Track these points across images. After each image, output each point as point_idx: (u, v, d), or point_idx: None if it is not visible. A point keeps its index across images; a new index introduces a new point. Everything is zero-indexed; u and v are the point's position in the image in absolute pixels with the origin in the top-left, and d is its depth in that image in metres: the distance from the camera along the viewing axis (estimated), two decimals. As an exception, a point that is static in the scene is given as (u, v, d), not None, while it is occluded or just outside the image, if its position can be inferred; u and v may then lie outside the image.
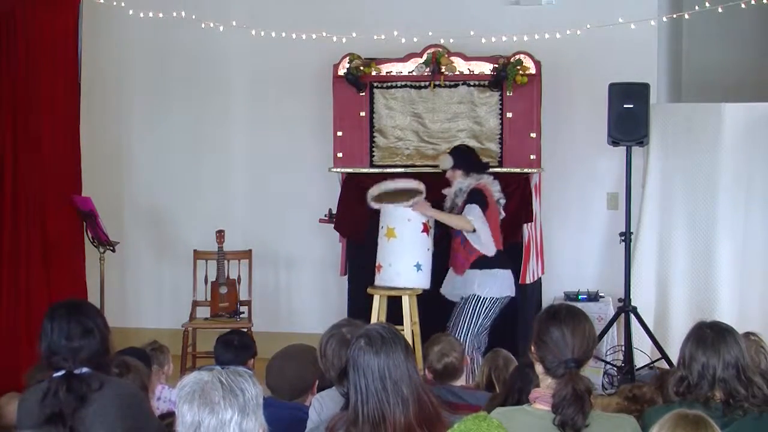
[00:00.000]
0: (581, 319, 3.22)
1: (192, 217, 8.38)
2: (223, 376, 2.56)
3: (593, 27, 7.20)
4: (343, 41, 7.51)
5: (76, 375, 3.48)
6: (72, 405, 3.43)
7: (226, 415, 2.52)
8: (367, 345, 3.05)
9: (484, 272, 6.42)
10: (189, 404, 2.52)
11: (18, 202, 7.18)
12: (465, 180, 6.59)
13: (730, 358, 3.46)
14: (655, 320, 7.30)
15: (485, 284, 6.42)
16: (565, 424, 3.08)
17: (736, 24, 8.62)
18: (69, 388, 3.45)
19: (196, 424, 2.51)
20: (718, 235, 7.22)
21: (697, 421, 2.84)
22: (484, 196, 6.49)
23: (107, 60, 8.37)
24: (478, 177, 6.61)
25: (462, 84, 7.34)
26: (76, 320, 3.56)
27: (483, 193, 6.50)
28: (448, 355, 4.51)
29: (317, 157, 7.93)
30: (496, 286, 6.45)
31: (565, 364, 3.13)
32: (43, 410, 3.44)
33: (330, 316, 7.17)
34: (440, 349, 4.50)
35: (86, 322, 3.58)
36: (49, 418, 3.42)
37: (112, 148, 8.48)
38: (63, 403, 3.43)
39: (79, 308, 3.66)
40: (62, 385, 3.46)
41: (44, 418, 3.42)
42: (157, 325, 8.17)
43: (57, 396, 3.44)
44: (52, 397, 3.44)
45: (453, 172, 6.63)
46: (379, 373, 3.01)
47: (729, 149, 7.20)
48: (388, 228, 6.45)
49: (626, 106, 6.89)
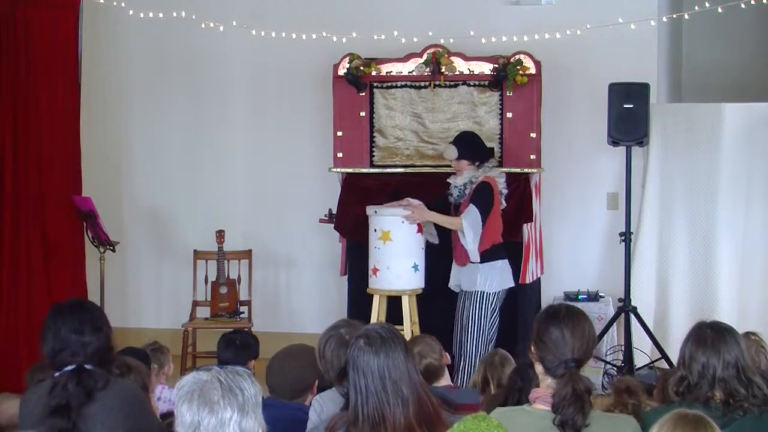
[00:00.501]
0: (581, 319, 3.23)
1: (192, 217, 8.38)
2: (221, 375, 2.56)
3: (593, 27, 7.20)
4: (343, 41, 7.51)
5: (86, 369, 3.50)
6: (79, 399, 3.45)
7: (226, 414, 2.52)
8: (366, 345, 3.05)
9: (485, 265, 6.40)
10: (188, 404, 2.52)
11: (18, 202, 7.18)
12: (473, 171, 6.50)
13: (730, 358, 3.46)
14: (655, 320, 7.30)
15: (488, 278, 6.39)
16: (565, 424, 3.08)
17: (736, 24, 8.62)
18: (79, 382, 3.47)
19: (195, 424, 2.51)
20: (718, 235, 7.22)
21: (697, 421, 2.84)
22: (492, 191, 6.44)
23: (107, 60, 8.37)
24: (486, 167, 6.54)
25: (462, 84, 7.34)
26: (85, 317, 3.61)
27: (491, 188, 6.44)
28: (427, 356, 4.48)
29: (317, 157, 7.93)
30: (498, 278, 6.43)
31: (565, 364, 3.14)
32: (50, 402, 3.45)
33: (330, 316, 7.15)
34: (419, 351, 4.45)
35: (93, 319, 3.62)
36: (54, 410, 3.43)
37: (112, 148, 8.48)
38: (71, 396, 3.44)
39: (86, 305, 3.71)
40: (72, 379, 3.47)
41: (50, 409, 3.43)
42: (157, 325, 8.17)
43: (66, 388, 3.46)
44: (60, 389, 3.46)
45: (458, 163, 6.54)
46: (379, 373, 3.01)
47: (729, 149, 7.20)
48: (383, 231, 6.43)
49: (626, 106, 6.89)
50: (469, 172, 6.50)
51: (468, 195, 6.46)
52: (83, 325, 3.57)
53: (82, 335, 3.55)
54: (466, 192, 6.48)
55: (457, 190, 6.53)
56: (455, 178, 6.58)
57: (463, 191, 6.50)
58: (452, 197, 6.57)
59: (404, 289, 6.48)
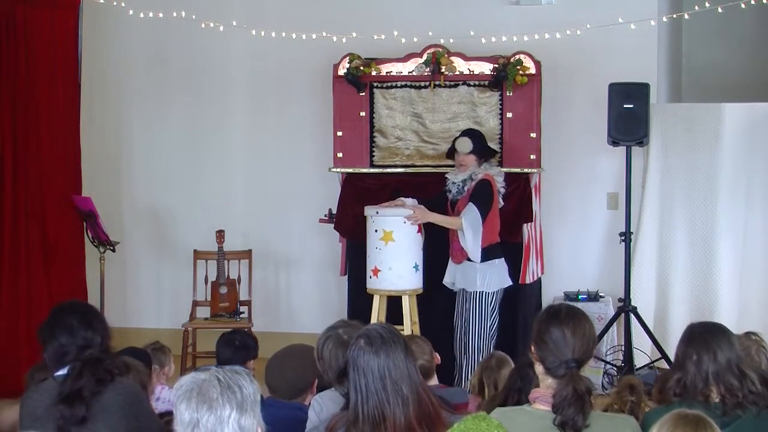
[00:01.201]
0: (581, 319, 3.23)
1: (192, 217, 8.38)
2: (220, 374, 2.57)
3: (593, 27, 7.20)
4: (343, 41, 7.51)
5: (101, 359, 3.53)
6: (92, 388, 3.47)
7: (225, 412, 2.52)
8: (366, 345, 3.05)
9: (484, 264, 6.39)
10: (187, 402, 2.52)
11: (18, 202, 7.19)
12: (476, 167, 6.53)
13: (722, 353, 3.50)
14: (655, 320, 7.31)
15: (486, 277, 6.39)
16: (566, 424, 3.08)
17: (736, 24, 8.62)
18: (94, 372, 3.49)
19: (194, 422, 2.51)
20: (718, 234, 7.22)
21: (697, 421, 2.84)
22: (492, 189, 6.45)
23: (107, 60, 8.37)
24: (488, 166, 6.58)
25: (462, 84, 7.33)
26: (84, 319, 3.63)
27: (491, 186, 6.45)
28: (419, 357, 4.50)
29: (317, 157, 7.93)
30: (496, 277, 6.44)
31: (566, 365, 3.14)
32: (63, 389, 3.46)
33: (330, 316, 7.16)
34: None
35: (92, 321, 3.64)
36: (66, 398, 3.44)
37: (112, 148, 8.48)
38: (85, 384, 3.46)
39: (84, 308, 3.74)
40: (88, 367, 3.49)
41: (62, 397, 3.44)
42: (157, 325, 8.17)
43: (81, 376, 3.48)
44: (75, 377, 3.48)
45: (467, 157, 6.54)
46: (379, 373, 3.02)
47: (729, 149, 7.20)
48: (385, 232, 6.43)
49: (626, 106, 6.89)
50: (470, 169, 6.52)
51: (467, 192, 6.47)
52: (82, 327, 3.58)
53: (81, 337, 3.56)
54: (465, 189, 6.49)
55: (456, 186, 6.54)
56: (455, 174, 6.59)
57: (462, 188, 6.51)
58: (450, 193, 6.57)
59: (406, 289, 6.48)
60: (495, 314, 6.44)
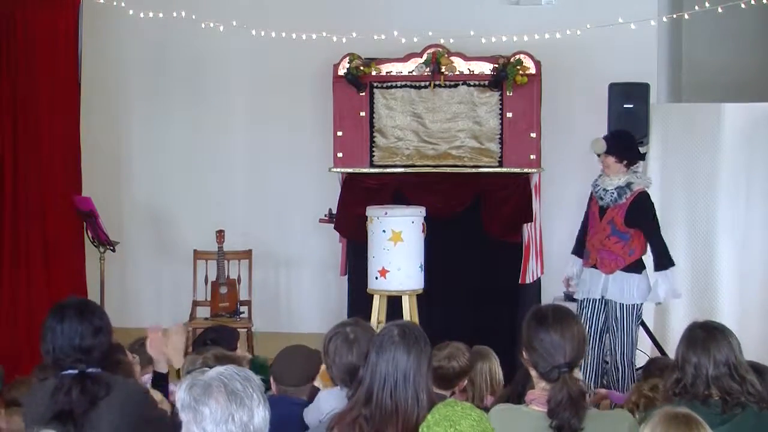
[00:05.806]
0: (569, 321, 3.22)
1: (192, 217, 8.38)
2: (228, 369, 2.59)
3: (593, 27, 7.20)
4: (343, 41, 7.50)
5: (89, 375, 3.49)
6: (83, 406, 3.43)
7: (253, 403, 2.55)
8: (400, 338, 3.10)
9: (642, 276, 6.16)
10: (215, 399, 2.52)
11: (18, 202, 7.20)
12: (622, 171, 6.12)
13: (721, 357, 3.47)
14: (655, 320, 7.30)
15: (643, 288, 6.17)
16: (562, 428, 3.09)
17: (736, 24, 8.61)
18: (83, 390, 3.45)
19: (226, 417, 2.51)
20: (718, 234, 7.22)
21: (688, 420, 2.84)
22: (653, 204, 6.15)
23: (107, 60, 8.37)
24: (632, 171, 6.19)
25: (462, 84, 7.33)
26: (88, 320, 3.58)
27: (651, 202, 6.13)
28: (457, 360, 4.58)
29: (317, 157, 7.93)
30: (645, 286, 6.20)
31: (558, 369, 3.13)
32: (53, 407, 3.43)
33: (330, 316, 7.19)
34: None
35: (97, 321, 3.60)
36: (58, 416, 3.41)
37: (112, 148, 8.47)
38: (74, 403, 3.43)
39: (88, 307, 3.67)
40: (76, 385, 3.45)
41: (53, 414, 3.42)
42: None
43: (69, 395, 3.44)
44: (63, 395, 3.44)
45: (606, 158, 6.14)
46: (404, 370, 3.07)
47: (729, 149, 7.21)
48: (394, 232, 6.40)
49: (626, 106, 6.90)
50: (620, 174, 6.13)
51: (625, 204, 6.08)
52: (86, 330, 3.54)
53: (84, 340, 3.53)
54: (624, 198, 6.09)
55: (610, 194, 6.12)
56: (603, 179, 6.19)
57: (618, 196, 6.09)
58: (602, 201, 6.16)
59: (414, 289, 6.47)
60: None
